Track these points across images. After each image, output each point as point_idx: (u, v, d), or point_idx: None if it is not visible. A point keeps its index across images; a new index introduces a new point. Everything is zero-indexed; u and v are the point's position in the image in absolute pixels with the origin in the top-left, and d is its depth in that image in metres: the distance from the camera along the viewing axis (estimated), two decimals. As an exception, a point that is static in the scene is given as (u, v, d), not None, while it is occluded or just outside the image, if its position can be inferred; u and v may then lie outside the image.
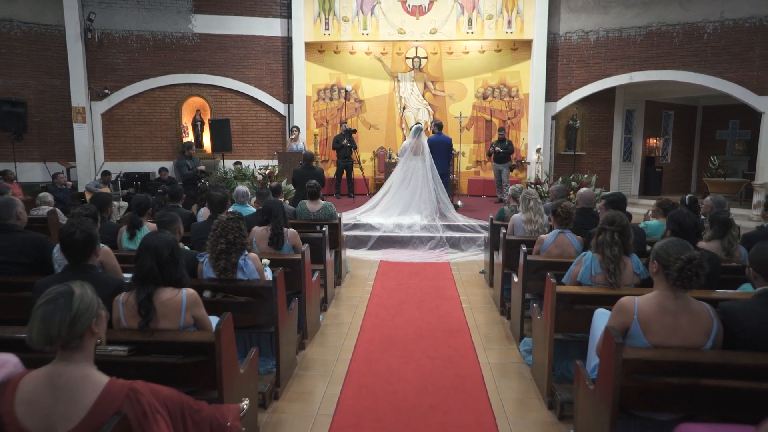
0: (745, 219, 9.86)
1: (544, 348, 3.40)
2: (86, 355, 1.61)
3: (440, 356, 4.07)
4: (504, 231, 5.16)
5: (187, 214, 5.22)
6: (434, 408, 3.26)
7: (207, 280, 3.42)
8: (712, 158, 12.05)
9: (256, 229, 4.35)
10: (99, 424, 1.52)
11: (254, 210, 5.57)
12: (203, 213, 5.45)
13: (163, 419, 1.79)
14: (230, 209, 4.52)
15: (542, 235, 4.34)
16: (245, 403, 2.52)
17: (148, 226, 4.33)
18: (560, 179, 8.95)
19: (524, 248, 4.21)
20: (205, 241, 3.49)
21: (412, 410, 3.23)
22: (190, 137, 12.01)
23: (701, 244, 3.77)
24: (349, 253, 7.22)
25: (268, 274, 3.60)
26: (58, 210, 6.90)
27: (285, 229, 4.31)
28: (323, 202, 6.13)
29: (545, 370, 3.36)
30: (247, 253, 3.42)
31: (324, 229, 5.32)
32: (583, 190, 5.04)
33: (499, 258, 5.24)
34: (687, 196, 5.85)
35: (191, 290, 2.55)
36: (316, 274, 4.75)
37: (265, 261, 3.77)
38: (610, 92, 12.36)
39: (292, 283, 4.15)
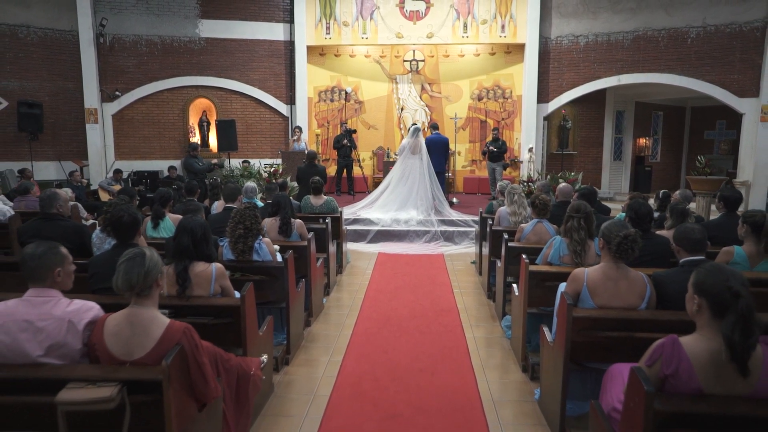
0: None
1: (519, 320, 3.92)
2: (153, 302, 2.13)
3: (431, 331, 4.59)
4: (491, 222, 5.68)
5: (203, 206, 5.71)
6: (423, 371, 3.78)
7: (227, 261, 3.91)
8: (699, 157, 12.56)
9: (267, 219, 4.86)
10: (165, 351, 2.04)
11: (262, 204, 6.07)
12: (217, 206, 5.95)
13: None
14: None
15: (522, 224, 4.86)
16: (264, 357, 3.04)
17: (170, 217, 4.83)
18: (548, 177, 9.45)
19: (506, 236, 4.72)
20: (221, 230, 4.00)
21: (404, 372, 3.75)
22: (196, 137, 12.53)
23: (662, 232, 4.28)
24: (349, 246, 7.72)
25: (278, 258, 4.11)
26: (79, 204, 7.43)
27: (292, 220, 4.83)
28: (326, 197, 6.64)
29: (521, 338, 3.87)
30: (261, 238, 3.93)
31: (327, 220, 5.83)
32: (562, 185, 5.55)
33: (486, 247, 5.75)
34: (661, 191, 6.39)
35: (219, 264, 3.07)
36: (320, 260, 5.26)
37: (275, 247, 4.27)
38: (600, 93, 12.86)
39: (299, 267, 4.65)
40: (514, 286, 4.25)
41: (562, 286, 3.40)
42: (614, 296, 2.78)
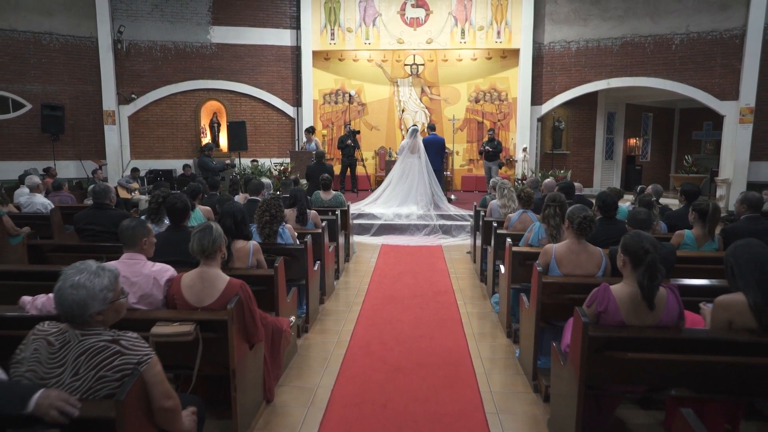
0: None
1: (505, 294, 4.58)
2: (218, 263, 2.79)
3: (430, 308, 5.25)
4: (483, 214, 6.34)
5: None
6: (423, 336, 4.44)
7: (254, 244, 4.57)
8: (686, 157, 13.29)
9: (286, 210, 5.51)
10: (227, 300, 2.70)
11: (277, 198, 6.73)
12: (237, 199, 6.60)
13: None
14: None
15: (510, 214, 5.52)
16: (293, 318, 3.70)
17: (200, 209, 5.49)
18: (539, 174, 10.12)
19: (495, 224, 5.38)
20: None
21: (407, 337, 4.41)
22: (207, 138, 13.20)
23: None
24: (354, 239, 8.38)
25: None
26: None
27: (308, 210, 5.49)
28: (334, 192, 7.30)
29: (506, 310, 4.53)
30: (284, 224, 4.59)
31: (337, 212, 6.49)
32: (546, 180, 6.21)
33: (479, 236, 6.41)
34: (639, 187, 7.08)
35: (255, 242, 3.72)
36: (332, 247, 5.92)
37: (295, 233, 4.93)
38: (592, 95, 13.53)
39: (315, 251, 5.28)
40: (501, 266, 4.92)
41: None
42: (576, 266, 3.44)
